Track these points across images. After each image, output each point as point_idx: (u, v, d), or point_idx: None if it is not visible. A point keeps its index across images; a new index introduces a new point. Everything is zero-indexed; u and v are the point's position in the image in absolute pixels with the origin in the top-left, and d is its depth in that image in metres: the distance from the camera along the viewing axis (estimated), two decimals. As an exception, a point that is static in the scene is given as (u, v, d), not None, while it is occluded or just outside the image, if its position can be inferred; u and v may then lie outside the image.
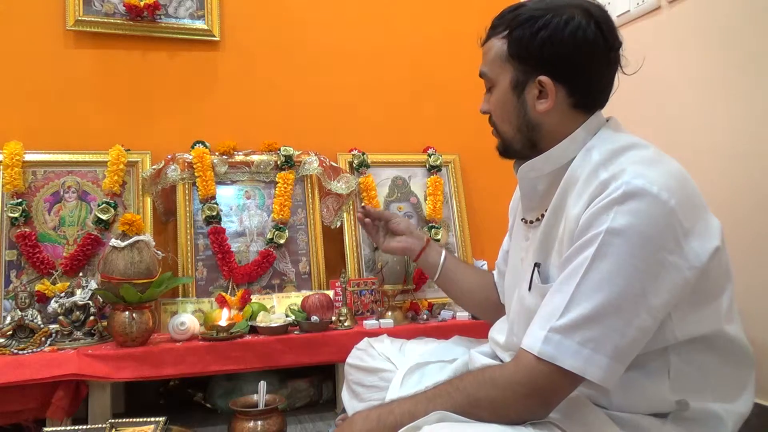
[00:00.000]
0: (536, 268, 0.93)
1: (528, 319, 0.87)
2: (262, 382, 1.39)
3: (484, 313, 1.31)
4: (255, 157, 1.99)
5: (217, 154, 1.95)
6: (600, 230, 0.79)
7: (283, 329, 1.63)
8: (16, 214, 1.71)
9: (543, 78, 0.90)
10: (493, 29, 0.97)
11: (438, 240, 2.07)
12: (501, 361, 1.04)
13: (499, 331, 1.10)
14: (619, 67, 0.94)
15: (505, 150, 1.00)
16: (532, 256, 0.96)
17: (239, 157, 1.98)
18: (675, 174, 0.84)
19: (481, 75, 0.99)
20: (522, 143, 0.96)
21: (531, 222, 1.00)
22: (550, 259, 0.92)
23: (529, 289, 0.95)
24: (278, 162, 2.00)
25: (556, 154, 0.93)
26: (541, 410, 0.80)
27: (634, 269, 0.78)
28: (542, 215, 0.95)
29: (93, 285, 1.61)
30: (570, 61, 0.89)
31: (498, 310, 1.18)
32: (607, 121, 0.96)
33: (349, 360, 1.31)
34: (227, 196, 1.96)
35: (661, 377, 0.86)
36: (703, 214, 0.85)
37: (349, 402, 1.26)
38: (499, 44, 0.94)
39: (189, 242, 1.86)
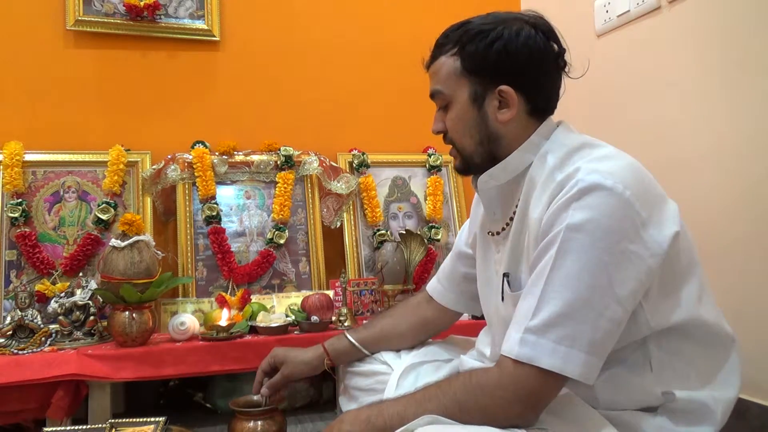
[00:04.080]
0: (505, 278, 0.94)
1: (506, 329, 0.87)
2: (261, 382, 1.38)
3: (450, 322, 1.26)
4: (255, 157, 1.99)
5: (217, 154, 1.95)
6: (560, 228, 0.80)
7: (283, 329, 1.63)
8: (16, 214, 1.71)
9: (504, 87, 0.91)
10: (439, 48, 0.97)
11: (438, 240, 2.08)
12: None
13: (483, 343, 1.11)
14: (564, 72, 0.96)
15: (465, 167, 1.00)
16: (503, 267, 0.96)
17: (239, 157, 1.98)
18: (628, 167, 0.85)
19: (433, 95, 0.99)
20: (482, 157, 0.96)
21: (497, 233, 0.99)
22: (521, 267, 0.92)
23: (502, 299, 0.95)
24: (278, 162, 2.00)
25: (513, 162, 0.94)
26: (528, 414, 0.80)
27: (598, 261, 0.78)
28: (507, 224, 0.96)
29: (93, 285, 1.60)
30: (526, 69, 0.92)
31: (460, 307, 1.22)
32: (558, 125, 0.97)
33: None
34: (227, 196, 1.96)
35: (644, 370, 0.87)
36: (659, 202, 0.86)
37: (346, 406, 1.25)
38: (450, 61, 0.95)
39: (189, 242, 1.86)
